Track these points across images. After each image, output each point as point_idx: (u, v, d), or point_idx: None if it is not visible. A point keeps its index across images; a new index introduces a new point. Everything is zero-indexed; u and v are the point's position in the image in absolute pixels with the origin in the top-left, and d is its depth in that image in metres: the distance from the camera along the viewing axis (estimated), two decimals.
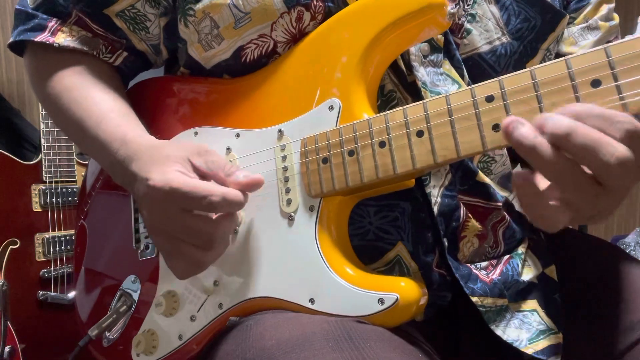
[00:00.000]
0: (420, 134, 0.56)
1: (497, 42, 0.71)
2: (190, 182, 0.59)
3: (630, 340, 0.69)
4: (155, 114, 0.82)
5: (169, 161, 0.62)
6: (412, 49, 0.66)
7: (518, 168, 0.85)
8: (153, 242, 0.75)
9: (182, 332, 0.70)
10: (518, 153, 0.47)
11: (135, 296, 0.77)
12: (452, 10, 0.61)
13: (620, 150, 0.43)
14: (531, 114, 0.49)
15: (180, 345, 0.70)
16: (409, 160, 0.56)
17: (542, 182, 0.48)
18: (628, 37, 0.47)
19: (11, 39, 0.81)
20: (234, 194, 0.61)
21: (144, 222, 0.63)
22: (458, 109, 0.53)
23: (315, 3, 0.66)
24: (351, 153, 0.60)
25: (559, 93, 0.48)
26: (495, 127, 0.51)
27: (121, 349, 0.77)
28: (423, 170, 0.60)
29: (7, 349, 1.47)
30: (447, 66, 0.68)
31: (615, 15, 0.82)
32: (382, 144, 0.58)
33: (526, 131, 0.46)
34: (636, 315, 0.70)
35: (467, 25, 0.70)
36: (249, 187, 0.63)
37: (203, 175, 0.63)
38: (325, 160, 0.62)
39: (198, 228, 0.60)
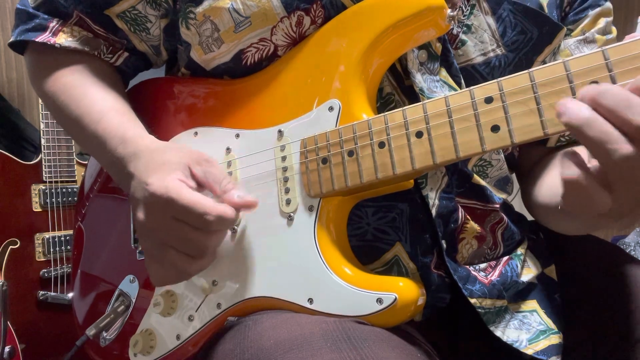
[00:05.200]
0: (419, 134, 0.56)
1: (491, 54, 0.71)
2: (189, 196, 0.59)
3: (630, 340, 0.69)
4: (156, 114, 0.82)
5: (169, 167, 0.62)
6: (410, 55, 0.66)
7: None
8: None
9: (180, 332, 0.70)
10: (570, 130, 0.46)
11: (133, 296, 0.77)
12: (451, 14, 0.61)
13: (625, 148, 0.43)
14: (530, 114, 0.49)
15: (178, 345, 0.70)
16: (408, 161, 0.56)
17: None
18: (627, 39, 0.47)
19: (12, 38, 0.81)
20: (229, 213, 0.61)
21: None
22: (457, 110, 0.53)
23: (314, 8, 0.66)
24: (351, 153, 0.60)
25: (557, 94, 0.48)
26: (494, 128, 0.51)
27: (118, 349, 0.77)
28: (422, 171, 0.60)
29: (7, 349, 1.47)
30: (443, 73, 0.68)
31: (613, 29, 0.81)
32: (381, 145, 0.58)
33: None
34: (636, 315, 0.70)
35: (462, 37, 0.70)
36: (242, 208, 0.63)
37: (200, 184, 0.64)
38: (324, 161, 0.62)
39: (191, 238, 0.60)
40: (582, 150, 0.70)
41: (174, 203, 0.59)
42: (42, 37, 0.78)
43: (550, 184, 0.74)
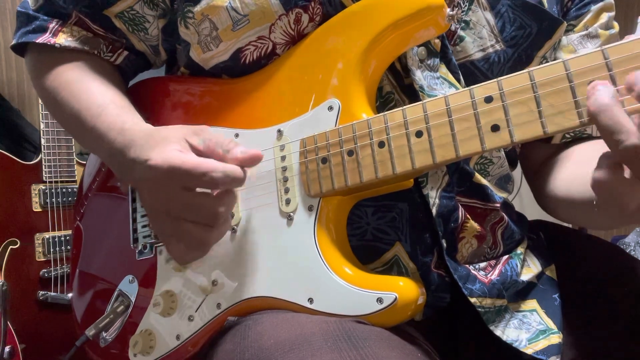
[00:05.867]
0: (419, 134, 0.56)
1: (490, 50, 0.71)
2: (190, 160, 0.59)
3: (630, 340, 0.69)
4: (155, 113, 0.82)
5: (167, 142, 0.62)
6: (409, 53, 0.66)
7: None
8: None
9: (180, 332, 0.70)
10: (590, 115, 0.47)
11: (133, 296, 0.77)
12: (451, 13, 0.61)
13: None
14: (530, 114, 0.49)
15: (177, 345, 0.70)
16: (408, 161, 0.56)
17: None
18: (626, 39, 0.47)
19: (14, 41, 0.82)
20: (235, 169, 0.60)
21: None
22: (457, 109, 0.53)
23: (312, 5, 0.67)
24: (350, 153, 0.60)
25: (557, 94, 0.48)
26: (494, 128, 0.51)
27: (118, 349, 0.77)
28: (422, 171, 0.60)
29: (7, 349, 1.47)
30: (443, 70, 0.68)
31: (615, 24, 0.81)
32: (381, 144, 0.58)
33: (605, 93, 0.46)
34: (637, 315, 0.70)
35: (461, 33, 0.69)
36: (247, 162, 0.63)
37: (201, 154, 0.63)
38: (324, 160, 0.62)
39: (201, 204, 0.60)
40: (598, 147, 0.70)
41: (177, 170, 0.59)
42: (42, 38, 0.78)
43: (575, 178, 0.73)
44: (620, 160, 0.48)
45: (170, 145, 0.61)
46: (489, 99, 0.51)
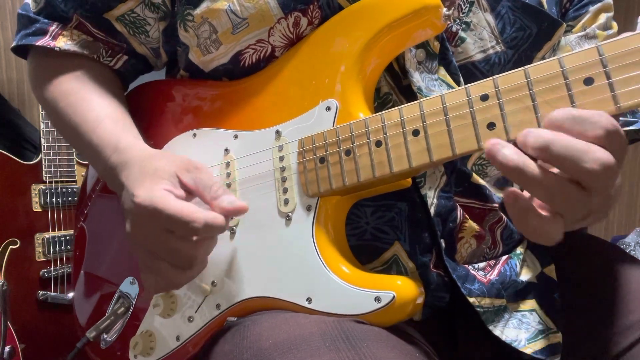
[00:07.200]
0: (416, 133, 0.56)
1: (491, 51, 0.71)
2: (175, 205, 0.59)
3: (629, 340, 0.69)
4: (155, 116, 0.83)
5: (157, 177, 0.62)
6: (407, 54, 0.65)
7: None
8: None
9: (180, 333, 0.70)
10: (505, 175, 0.47)
11: (133, 298, 0.78)
12: (447, 13, 0.61)
13: (602, 155, 0.44)
14: (525, 111, 0.49)
15: (177, 346, 0.70)
16: (405, 159, 0.56)
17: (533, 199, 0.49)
18: (622, 36, 0.46)
19: (14, 43, 0.82)
20: (217, 220, 0.60)
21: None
22: (453, 107, 0.53)
23: (311, 9, 0.67)
24: (348, 152, 0.60)
25: (552, 91, 0.48)
26: (490, 125, 0.51)
27: (119, 351, 0.78)
28: (419, 169, 0.60)
29: (7, 349, 1.47)
30: (442, 72, 0.68)
31: (614, 24, 0.81)
32: (378, 143, 0.58)
33: (509, 152, 0.46)
34: (635, 315, 0.70)
35: (461, 34, 0.69)
36: (232, 214, 0.63)
37: (190, 192, 0.64)
38: (322, 160, 0.62)
39: (178, 249, 0.60)
40: None
41: (160, 213, 0.59)
42: (42, 41, 0.78)
43: None
44: (589, 180, 0.46)
45: (159, 184, 0.61)
46: (484, 97, 0.51)
